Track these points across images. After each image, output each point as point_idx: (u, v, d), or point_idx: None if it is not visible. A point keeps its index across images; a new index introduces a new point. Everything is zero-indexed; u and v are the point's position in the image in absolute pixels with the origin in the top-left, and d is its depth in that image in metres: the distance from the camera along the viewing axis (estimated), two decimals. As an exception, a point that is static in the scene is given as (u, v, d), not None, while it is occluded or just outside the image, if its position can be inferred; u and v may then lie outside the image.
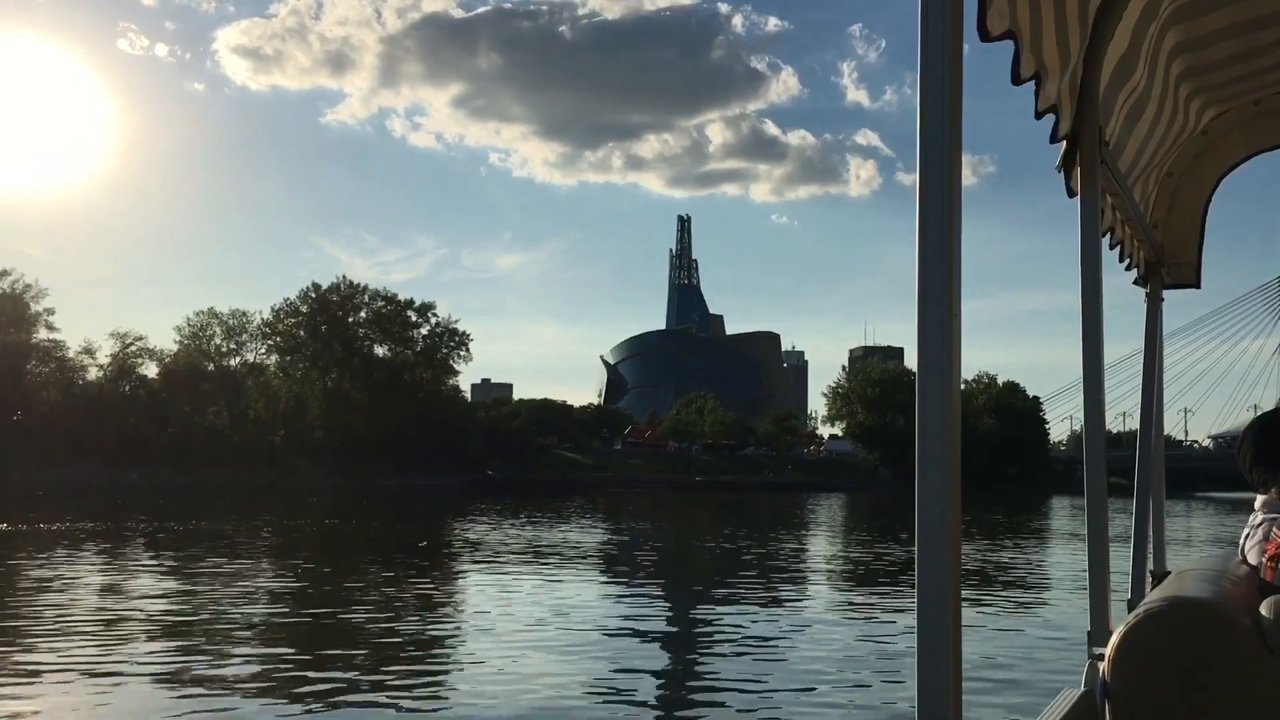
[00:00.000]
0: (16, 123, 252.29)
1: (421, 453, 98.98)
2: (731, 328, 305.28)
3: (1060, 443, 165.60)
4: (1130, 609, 3.25)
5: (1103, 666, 2.72)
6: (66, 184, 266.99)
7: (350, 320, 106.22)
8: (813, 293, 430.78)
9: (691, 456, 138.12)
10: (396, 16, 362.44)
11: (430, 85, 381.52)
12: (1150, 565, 4.21)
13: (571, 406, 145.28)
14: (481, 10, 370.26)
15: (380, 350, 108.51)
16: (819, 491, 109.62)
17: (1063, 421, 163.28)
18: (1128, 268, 4.32)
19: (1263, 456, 3.40)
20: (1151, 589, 3.74)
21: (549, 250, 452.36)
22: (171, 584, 22.23)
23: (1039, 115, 2.66)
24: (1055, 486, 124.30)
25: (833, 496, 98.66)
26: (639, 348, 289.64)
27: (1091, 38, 2.92)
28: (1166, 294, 4.61)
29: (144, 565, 26.71)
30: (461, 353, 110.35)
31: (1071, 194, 3.19)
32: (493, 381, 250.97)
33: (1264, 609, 2.65)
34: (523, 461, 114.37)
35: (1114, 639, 2.71)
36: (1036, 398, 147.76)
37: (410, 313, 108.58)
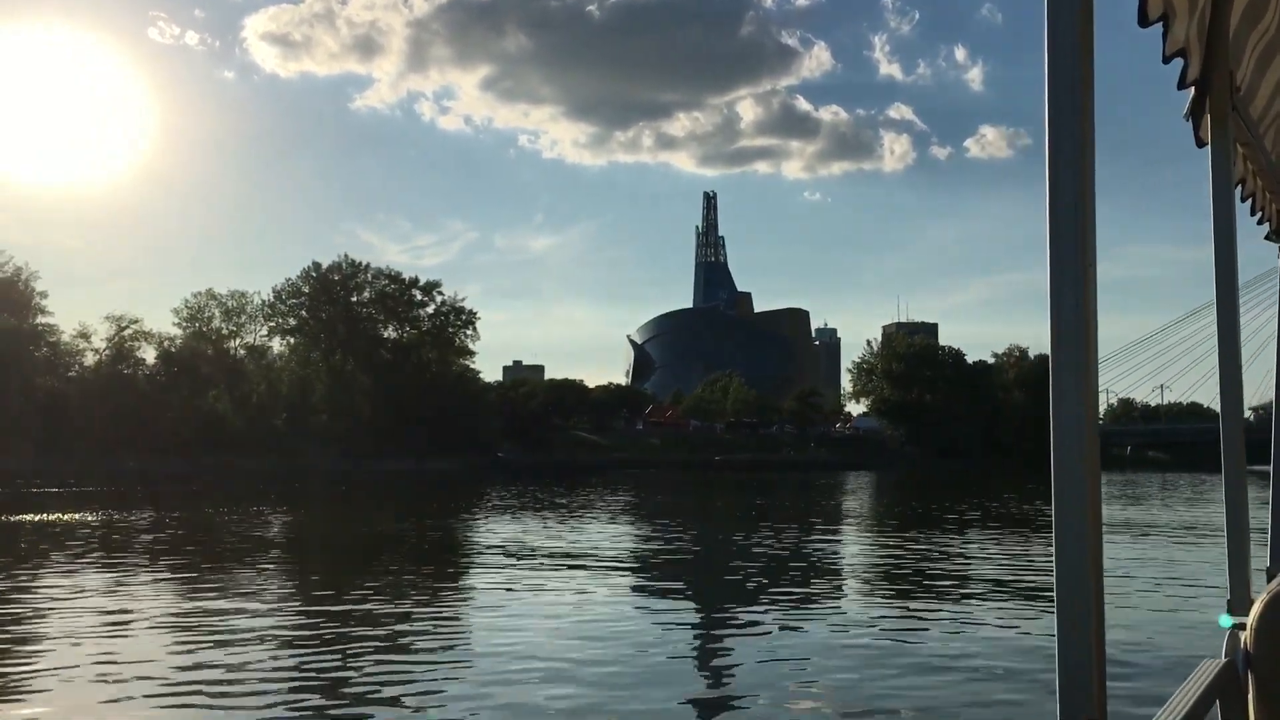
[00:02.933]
0: (51, 114, 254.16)
1: (430, 435, 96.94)
2: (765, 306, 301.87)
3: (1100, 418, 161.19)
4: (1270, 578, 3.15)
5: (1244, 636, 2.66)
6: (100, 175, 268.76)
7: (354, 300, 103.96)
8: (847, 270, 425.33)
9: (713, 436, 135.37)
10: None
11: (458, 68, 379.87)
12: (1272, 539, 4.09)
13: (589, 387, 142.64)
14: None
15: (386, 331, 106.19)
16: (841, 470, 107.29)
17: (1101, 393, 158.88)
18: (1259, 222, 4.15)
19: None
20: None
21: (580, 231, 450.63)
22: (165, 580, 20.78)
23: (1167, 59, 2.56)
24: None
25: (854, 475, 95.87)
26: (665, 327, 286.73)
27: None
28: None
29: (135, 561, 24.71)
30: (468, 332, 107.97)
31: (1200, 144, 3.04)
32: (525, 364, 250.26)
33: None
34: (537, 443, 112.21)
35: (1256, 608, 2.64)
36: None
37: (415, 291, 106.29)
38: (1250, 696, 2.64)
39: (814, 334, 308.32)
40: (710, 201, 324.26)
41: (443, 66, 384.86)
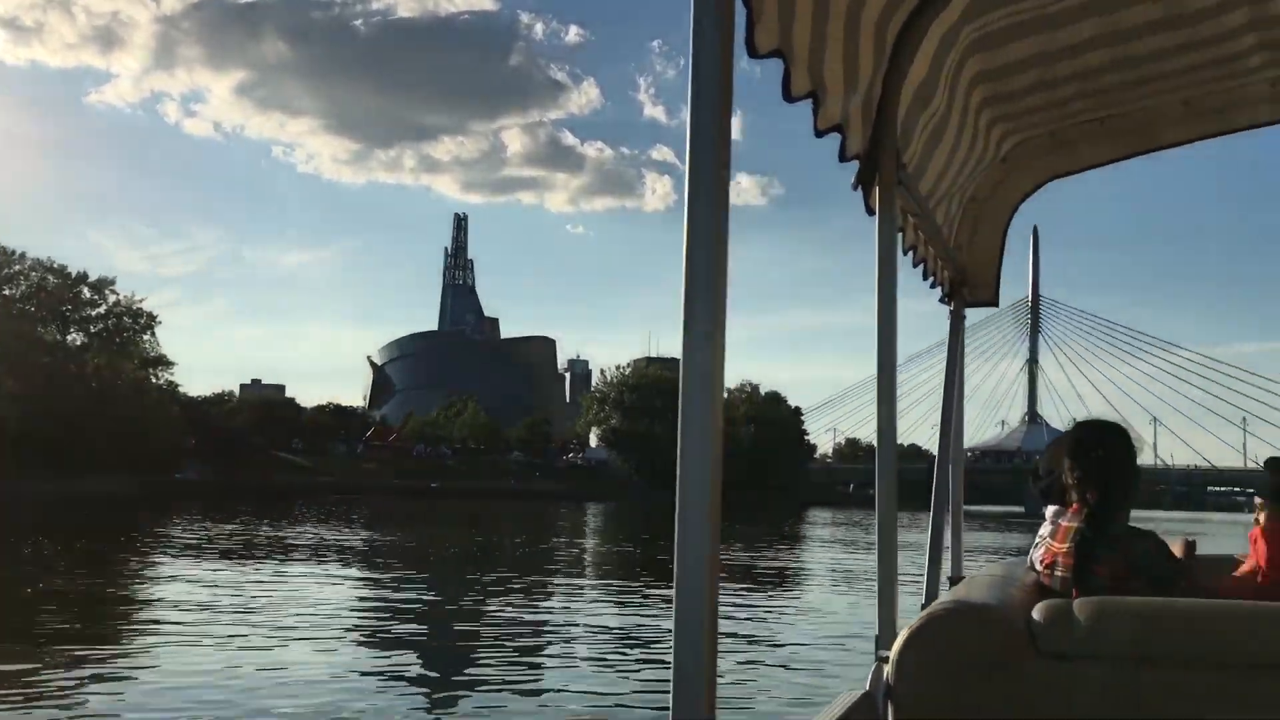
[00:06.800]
0: None
1: (95, 452, 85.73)
2: (522, 334, 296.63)
3: (825, 455, 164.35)
4: None
5: (887, 668, 2.79)
6: None
7: (5, 293, 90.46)
8: (605, 303, 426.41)
9: (439, 462, 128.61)
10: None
11: (210, 70, 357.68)
12: (949, 572, 4.39)
13: (302, 406, 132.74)
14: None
15: (46, 331, 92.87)
16: (563, 500, 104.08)
17: (826, 433, 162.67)
18: (932, 285, 4.38)
19: (1084, 466, 3.38)
20: None
21: (337, 250, 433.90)
22: None
23: (819, 133, 2.67)
24: (815, 497, 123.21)
25: (572, 505, 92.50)
26: (408, 348, 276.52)
27: (890, 61, 2.94)
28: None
29: None
30: (146, 337, 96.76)
31: (870, 212, 3.18)
32: (264, 382, 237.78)
33: (1035, 613, 2.78)
34: (231, 464, 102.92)
35: (898, 641, 2.80)
36: (798, 408, 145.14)
37: (84, 288, 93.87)
38: None
39: (566, 364, 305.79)
40: (460, 223, 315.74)
41: (192, 67, 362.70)
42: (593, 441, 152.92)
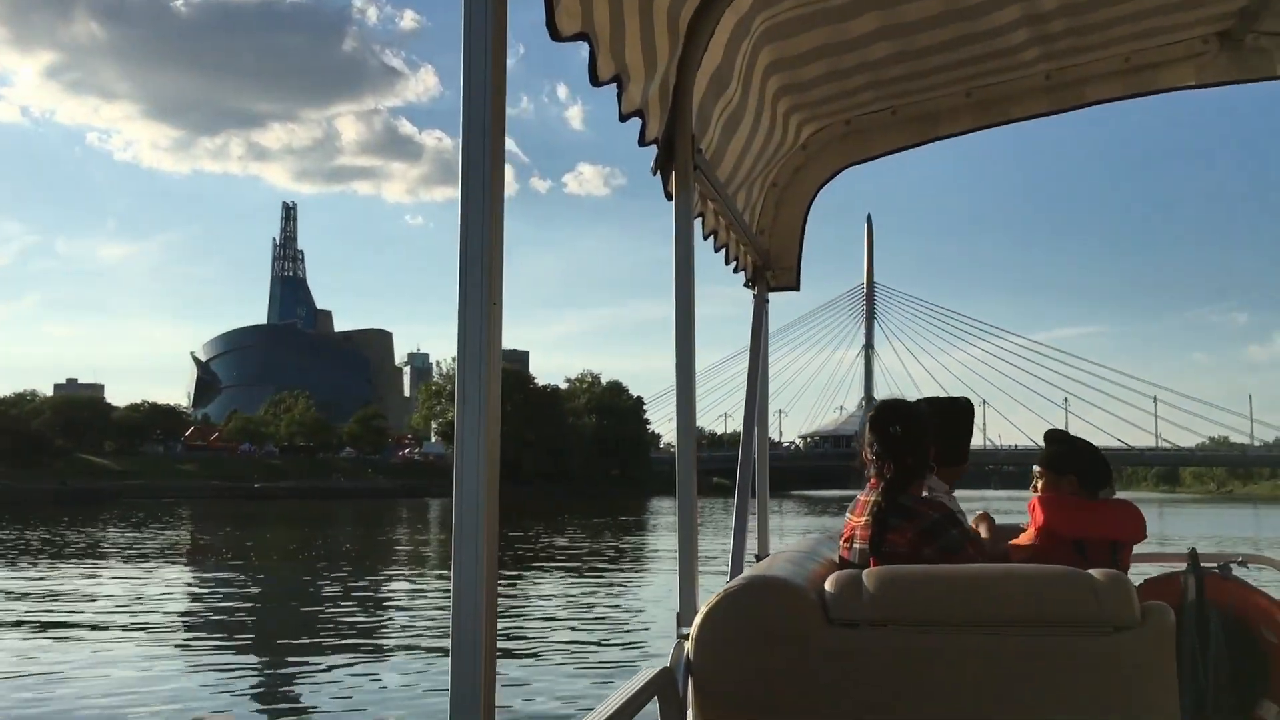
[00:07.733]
0: None
1: None
2: (359, 327, 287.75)
3: (670, 445, 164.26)
4: None
5: (687, 645, 2.89)
6: None
7: None
8: (446, 295, 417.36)
9: (266, 461, 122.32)
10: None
11: (16, 51, 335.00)
12: (756, 551, 4.53)
13: (113, 405, 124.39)
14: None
15: None
16: (399, 497, 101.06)
17: (669, 422, 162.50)
18: (735, 270, 4.44)
19: (882, 443, 3.54)
20: None
21: (161, 242, 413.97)
22: None
23: (623, 118, 2.72)
24: (659, 487, 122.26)
25: (407, 502, 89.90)
26: (235, 343, 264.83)
27: (684, 47, 2.99)
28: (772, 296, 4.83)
29: None
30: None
31: (670, 197, 3.24)
32: (80, 382, 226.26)
33: (828, 584, 2.88)
34: (31, 467, 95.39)
35: (697, 617, 2.90)
36: (640, 398, 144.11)
37: None
38: (690, 699, 2.84)
39: (405, 357, 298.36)
40: (289, 213, 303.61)
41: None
42: (431, 436, 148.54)
